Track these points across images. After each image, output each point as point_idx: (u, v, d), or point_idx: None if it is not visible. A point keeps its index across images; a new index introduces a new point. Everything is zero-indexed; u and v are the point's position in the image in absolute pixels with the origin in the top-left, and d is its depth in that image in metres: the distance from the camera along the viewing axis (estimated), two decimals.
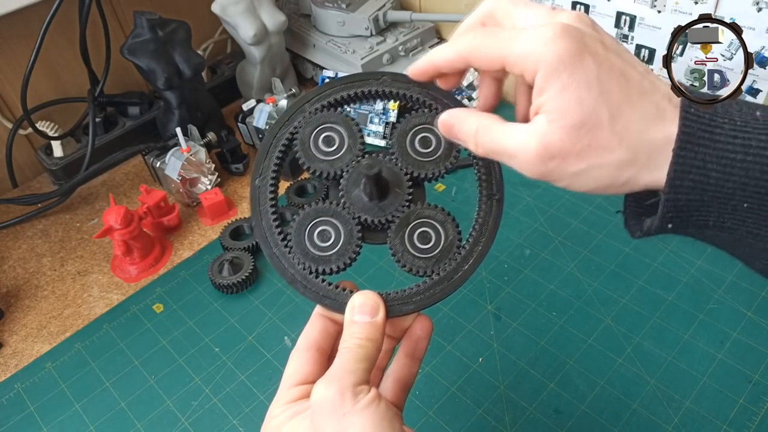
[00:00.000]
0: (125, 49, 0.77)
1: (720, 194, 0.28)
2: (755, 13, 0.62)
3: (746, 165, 0.27)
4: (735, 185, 0.28)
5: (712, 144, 0.28)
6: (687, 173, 0.28)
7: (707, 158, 0.28)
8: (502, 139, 0.31)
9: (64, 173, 0.83)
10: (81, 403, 0.59)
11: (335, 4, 0.92)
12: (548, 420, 0.54)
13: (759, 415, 0.53)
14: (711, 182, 0.28)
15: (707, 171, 0.28)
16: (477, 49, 0.31)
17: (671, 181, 0.28)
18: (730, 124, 0.28)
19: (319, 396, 0.31)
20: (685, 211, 0.29)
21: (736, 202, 0.28)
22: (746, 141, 0.27)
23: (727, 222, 0.29)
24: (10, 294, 0.71)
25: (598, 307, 0.62)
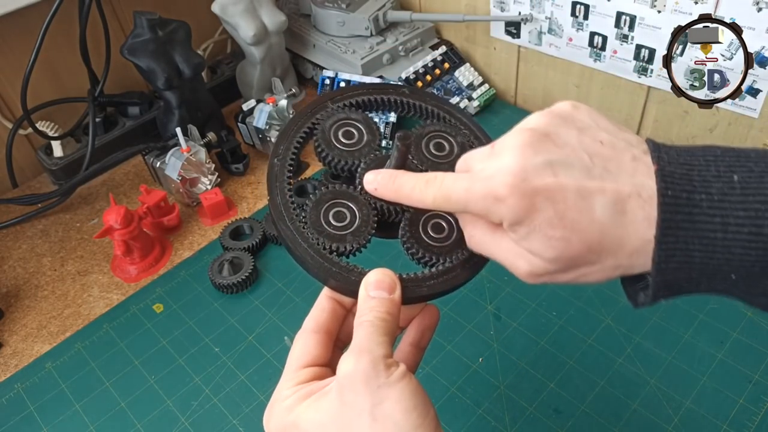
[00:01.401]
0: (125, 49, 0.77)
1: (706, 270, 0.29)
2: (755, 13, 0.62)
3: (727, 243, 0.28)
4: (719, 261, 0.28)
5: (692, 226, 0.28)
6: (671, 257, 0.29)
7: (689, 240, 0.28)
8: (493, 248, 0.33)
9: (64, 173, 0.83)
10: (81, 403, 0.59)
11: (335, 4, 0.92)
12: (548, 420, 0.54)
13: (759, 415, 0.53)
14: (696, 261, 0.29)
15: (690, 252, 0.28)
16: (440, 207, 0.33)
17: (657, 266, 0.29)
18: (708, 200, 0.28)
19: (349, 369, 0.31)
20: (675, 286, 0.30)
21: (724, 274, 0.29)
22: (725, 219, 0.28)
23: (718, 287, 0.30)
24: (10, 294, 0.71)
25: (598, 307, 0.62)
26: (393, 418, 0.30)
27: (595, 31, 0.76)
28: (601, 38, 0.76)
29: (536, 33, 0.82)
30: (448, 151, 0.40)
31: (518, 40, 0.85)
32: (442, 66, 0.89)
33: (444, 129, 0.41)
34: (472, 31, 0.92)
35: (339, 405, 0.31)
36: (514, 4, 0.82)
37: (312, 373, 0.35)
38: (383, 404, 0.30)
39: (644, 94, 0.77)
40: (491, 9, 0.85)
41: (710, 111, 0.72)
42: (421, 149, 0.40)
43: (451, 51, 0.91)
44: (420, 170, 0.39)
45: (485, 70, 0.94)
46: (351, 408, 0.30)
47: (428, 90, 0.87)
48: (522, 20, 0.82)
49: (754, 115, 0.68)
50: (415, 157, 0.40)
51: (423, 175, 0.34)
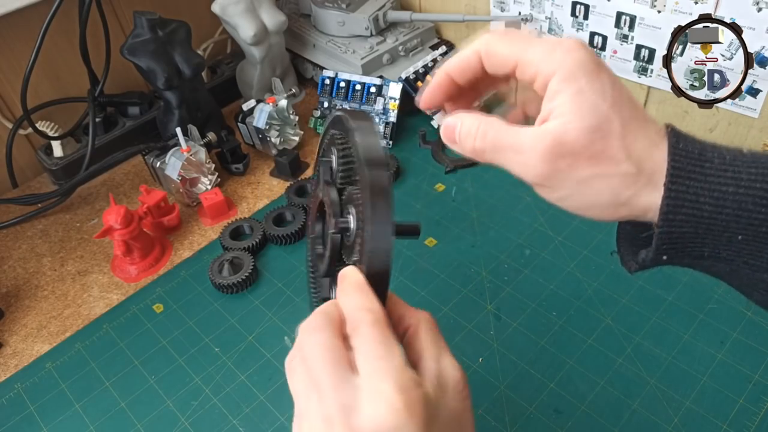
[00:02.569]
0: (125, 49, 0.77)
1: (714, 226, 0.28)
2: (755, 13, 0.62)
3: (738, 197, 0.27)
4: (728, 218, 0.28)
5: (703, 178, 0.28)
6: (680, 207, 0.28)
7: (699, 191, 0.28)
8: (508, 134, 0.31)
9: (64, 173, 0.83)
10: (81, 403, 0.59)
11: (335, 4, 0.92)
12: (548, 420, 0.54)
13: (759, 415, 0.53)
14: (704, 215, 0.28)
15: (700, 204, 0.28)
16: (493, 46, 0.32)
17: (664, 215, 0.28)
18: (719, 158, 0.28)
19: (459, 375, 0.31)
20: (680, 243, 0.29)
21: (731, 234, 0.28)
22: (737, 174, 0.28)
23: (723, 253, 0.29)
24: (10, 294, 0.71)
25: (598, 307, 0.62)
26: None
27: (595, 31, 0.76)
28: (601, 38, 0.76)
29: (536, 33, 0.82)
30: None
31: None
32: None
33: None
34: (472, 31, 0.92)
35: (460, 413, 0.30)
36: (514, 4, 0.82)
37: None
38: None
39: (644, 94, 0.77)
40: (491, 9, 0.85)
41: (710, 111, 0.72)
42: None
43: (451, 51, 0.91)
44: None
45: None
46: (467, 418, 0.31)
47: None
48: (522, 20, 0.82)
49: (754, 115, 0.68)
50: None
51: None
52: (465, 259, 0.69)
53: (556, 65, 0.29)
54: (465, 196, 0.77)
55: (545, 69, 0.30)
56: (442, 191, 0.78)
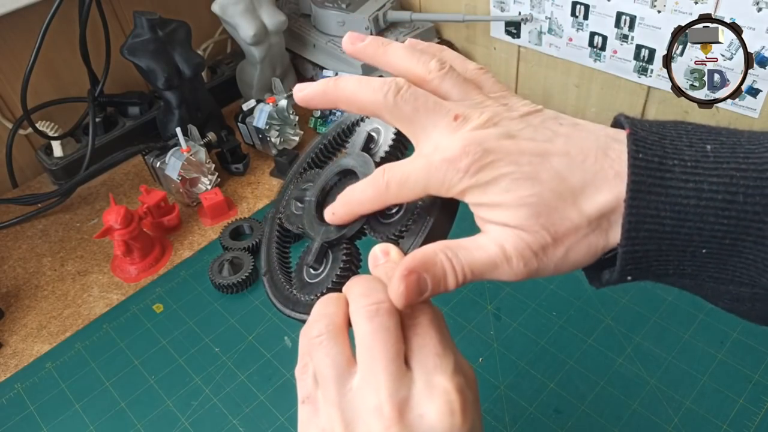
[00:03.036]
0: (125, 49, 0.77)
1: (677, 241, 0.28)
2: (755, 13, 0.62)
3: (700, 210, 0.27)
4: (691, 231, 0.27)
5: (664, 191, 0.27)
6: (642, 223, 0.27)
7: (660, 206, 0.27)
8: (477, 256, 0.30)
9: (64, 173, 0.83)
10: (81, 403, 0.59)
11: (335, 4, 0.92)
12: (548, 420, 0.54)
13: (759, 415, 0.53)
14: (667, 230, 0.27)
15: (661, 219, 0.27)
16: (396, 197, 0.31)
17: (626, 233, 0.27)
18: (681, 166, 0.27)
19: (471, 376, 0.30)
20: (644, 262, 0.29)
21: (694, 248, 0.28)
22: (698, 185, 0.27)
23: (687, 269, 0.29)
24: (10, 294, 0.71)
25: (598, 307, 0.62)
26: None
27: (595, 31, 0.76)
28: (601, 38, 0.76)
29: (536, 33, 0.82)
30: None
31: (518, 40, 0.85)
32: None
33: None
34: (472, 31, 0.92)
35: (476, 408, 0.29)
36: (514, 4, 0.82)
37: None
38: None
39: (644, 94, 0.77)
40: (491, 9, 0.85)
41: (710, 111, 0.72)
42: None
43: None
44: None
45: None
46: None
47: None
48: (522, 20, 0.82)
49: (754, 115, 0.68)
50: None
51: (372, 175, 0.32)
52: None
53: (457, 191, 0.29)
54: None
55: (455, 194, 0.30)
56: None
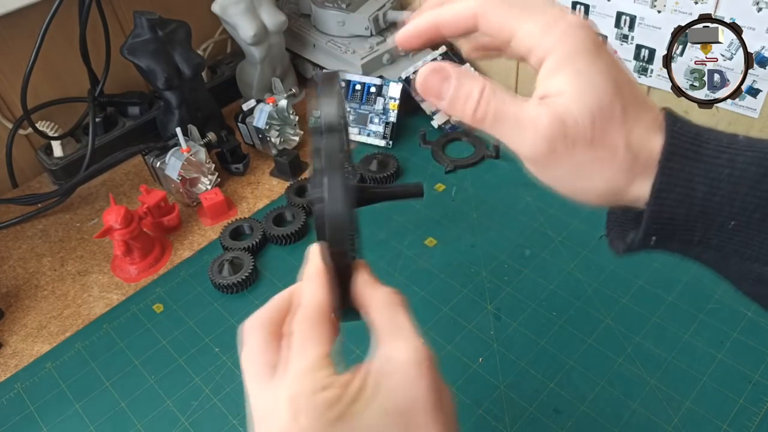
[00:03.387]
0: (125, 49, 0.77)
1: (706, 210, 0.27)
2: (755, 13, 0.62)
3: (733, 180, 0.27)
4: (722, 200, 0.27)
5: (698, 158, 0.27)
6: (673, 185, 0.27)
7: (694, 171, 0.27)
8: (511, 106, 0.29)
9: (64, 173, 0.83)
10: (81, 403, 0.59)
11: (335, 4, 0.92)
12: (548, 420, 0.54)
13: (759, 415, 0.53)
14: (698, 196, 0.27)
15: (694, 184, 0.27)
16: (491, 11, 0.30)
17: (656, 193, 0.27)
18: (716, 141, 0.28)
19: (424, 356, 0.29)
20: (670, 226, 0.28)
21: (723, 219, 0.28)
22: (732, 156, 0.27)
23: (713, 239, 0.28)
24: (10, 294, 0.71)
25: (598, 307, 0.62)
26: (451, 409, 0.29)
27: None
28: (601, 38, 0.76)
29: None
30: None
31: None
32: None
33: None
34: None
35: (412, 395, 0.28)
36: None
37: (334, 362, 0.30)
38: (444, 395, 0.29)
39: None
40: None
41: (710, 111, 0.72)
42: None
43: (451, 51, 0.91)
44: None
45: (485, 70, 0.94)
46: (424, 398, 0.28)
47: None
48: None
49: (754, 115, 0.68)
50: None
51: None
52: (465, 259, 0.69)
53: (553, 43, 0.28)
54: (465, 196, 0.77)
55: (542, 46, 0.28)
56: (442, 191, 0.78)
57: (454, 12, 0.31)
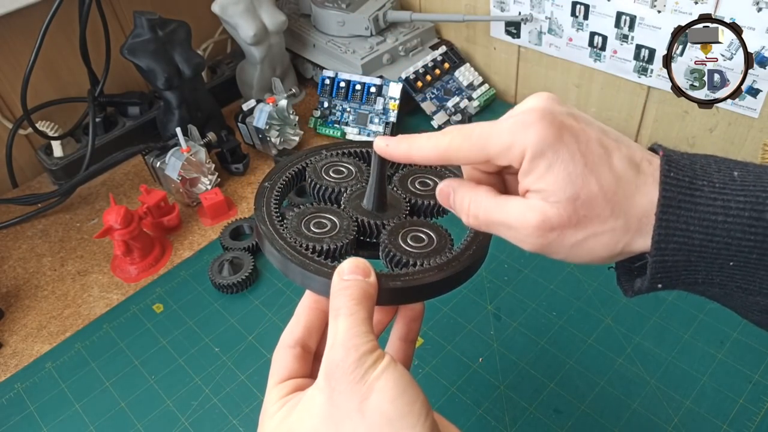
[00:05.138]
0: (125, 49, 0.77)
1: (705, 254, 0.29)
2: (755, 13, 0.62)
3: (728, 226, 0.28)
4: (719, 245, 0.29)
5: (693, 207, 0.29)
6: (671, 236, 0.29)
7: (689, 221, 0.29)
8: (498, 211, 0.32)
9: (64, 173, 0.83)
10: (81, 403, 0.59)
11: (335, 4, 0.92)
12: (548, 420, 0.54)
13: (759, 415, 0.53)
14: (695, 243, 0.29)
15: (690, 233, 0.29)
16: (456, 151, 0.32)
17: (656, 244, 0.29)
18: (709, 186, 0.29)
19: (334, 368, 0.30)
20: (673, 271, 0.30)
21: (722, 260, 0.29)
22: (726, 203, 0.28)
23: (716, 278, 0.30)
24: (10, 294, 0.71)
25: (598, 307, 0.62)
26: (380, 409, 0.29)
27: (595, 31, 0.76)
28: (601, 38, 0.76)
29: (536, 33, 0.82)
30: (431, 188, 0.42)
31: (518, 40, 0.85)
32: (442, 66, 0.89)
33: (430, 171, 0.44)
34: (472, 31, 0.92)
35: (328, 407, 0.30)
36: (514, 4, 0.82)
37: (294, 385, 0.34)
38: (370, 398, 0.29)
39: (644, 94, 0.77)
40: (491, 9, 0.85)
41: (710, 111, 0.72)
42: (406, 184, 0.42)
43: (451, 51, 0.91)
44: (402, 199, 0.41)
45: (485, 70, 0.94)
46: (339, 408, 0.30)
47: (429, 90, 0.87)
48: (522, 20, 0.82)
49: (754, 115, 0.68)
50: (399, 188, 0.42)
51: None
52: None
53: (521, 149, 0.30)
54: None
55: (514, 157, 0.30)
56: None
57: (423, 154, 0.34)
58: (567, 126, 0.30)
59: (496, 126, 0.31)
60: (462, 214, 0.34)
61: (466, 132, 0.32)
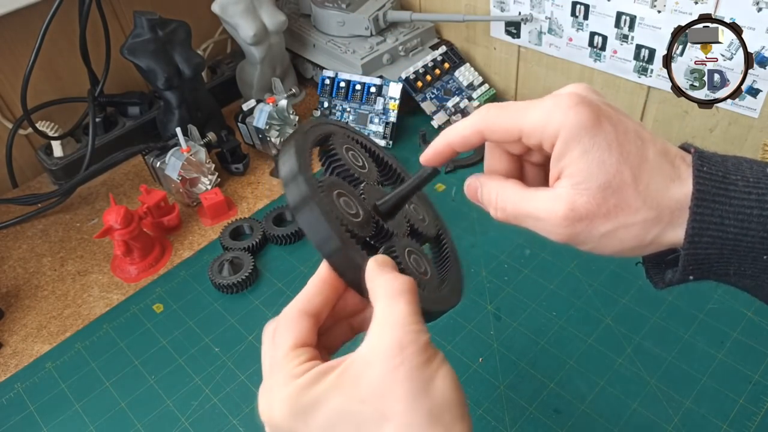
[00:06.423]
0: (125, 49, 0.77)
1: (739, 247, 0.29)
2: (755, 13, 0.62)
3: (763, 219, 0.28)
4: (753, 239, 0.29)
5: (727, 200, 0.28)
6: (705, 229, 0.29)
7: (724, 214, 0.28)
8: (525, 203, 0.32)
9: (64, 173, 0.83)
10: (81, 403, 0.59)
11: (335, 4, 0.92)
12: (548, 420, 0.54)
13: (759, 415, 0.53)
14: (729, 237, 0.29)
15: (725, 226, 0.29)
16: (492, 122, 0.32)
17: (690, 237, 0.29)
18: (743, 181, 0.29)
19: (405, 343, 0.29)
20: (705, 264, 0.30)
21: (756, 254, 0.29)
22: (761, 196, 0.28)
23: (748, 271, 0.30)
24: (10, 294, 0.71)
25: (598, 307, 0.62)
26: (443, 393, 0.29)
27: (595, 31, 0.76)
28: (601, 38, 0.76)
29: (536, 33, 0.82)
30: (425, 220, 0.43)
31: (518, 40, 0.85)
32: (442, 66, 0.89)
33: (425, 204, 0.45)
34: (472, 31, 0.92)
35: (390, 382, 0.29)
36: (514, 4, 0.82)
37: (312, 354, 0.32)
38: (435, 381, 0.29)
39: (644, 94, 0.77)
40: (491, 9, 0.85)
41: (710, 111, 0.72)
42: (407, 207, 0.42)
43: (451, 51, 0.91)
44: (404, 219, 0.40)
45: (485, 70, 0.94)
46: (401, 384, 0.29)
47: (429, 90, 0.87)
48: (522, 20, 0.82)
49: (754, 115, 0.68)
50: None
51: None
52: (465, 259, 0.68)
53: (556, 128, 0.30)
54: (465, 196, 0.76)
55: (547, 135, 0.30)
56: (442, 191, 0.78)
57: (460, 133, 0.33)
58: (606, 114, 0.30)
59: (534, 102, 0.31)
60: (490, 208, 0.34)
61: (503, 105, 0.32)
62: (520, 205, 0.32)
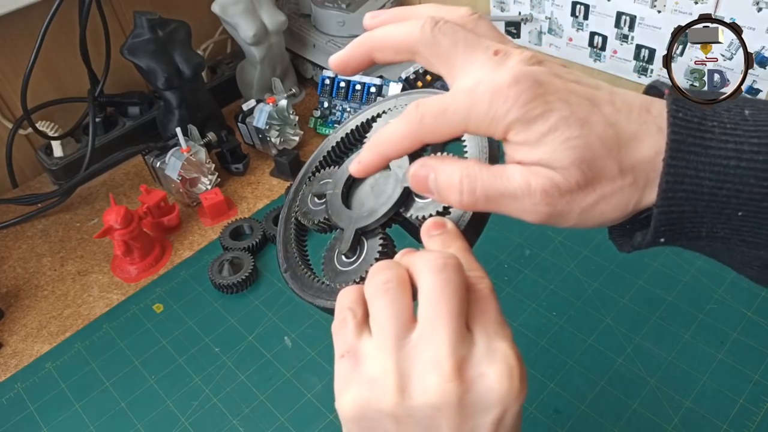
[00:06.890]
0: (125, 49, 0.77)
1: (714, 203, 0.27)
2: (755, 13, 0.62)
3: (740, 171, 0.26)
4: (729, 193, 0.26)
5: (703, 151, 0.26)
6: (680, 183, 0.27)
7: (699, 166, 0.26)
8: (498, 182, 0.28)
9: (64, 173, 0.83)
10: (81, 403, 0.59)
11: (335, 4, 0.92)
12: (548, 420, 0.54)
13: (759, 415, 0.53)
14: (704, 191, 0.27)
15: (700, 180, 0.26)
16: (431, 132, 0.29)
17: (663, 193, 0.27)
18: (720, 127, 0.27)
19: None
20: (678, 224, 0.28)
21: (731, 210, 0.27)
22: (738, 145, 0.26)
23: (720, 232, 0.28)
24: (10, 294, 0.71)
25: (598, 307, 0.62)
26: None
27: (595, 31, 0.76)
28: (601, 38, 0.76)
29: (536, 33, 0.82)
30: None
31: (518, 40, 0.85)
32: None
33: None
34: None
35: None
36: (514, 4, 0.82)
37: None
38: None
39: None
40: (491, 9, 0.85)
41: None
42: None
43: None
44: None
45: None
46: None
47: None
48: (522, 20, 0.82)
49: None
50: None
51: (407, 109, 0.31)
52: None
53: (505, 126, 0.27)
54: None
55: (498, 131, 0.28)
56: None
57: (396, 147, 0.31)
58: (552, 88, 0.27)
59: (471, 97, 0.28)
60: (452, 194, 0.29)
61: (438, 110, 0.29)
62: (492, 185, 0.28)
